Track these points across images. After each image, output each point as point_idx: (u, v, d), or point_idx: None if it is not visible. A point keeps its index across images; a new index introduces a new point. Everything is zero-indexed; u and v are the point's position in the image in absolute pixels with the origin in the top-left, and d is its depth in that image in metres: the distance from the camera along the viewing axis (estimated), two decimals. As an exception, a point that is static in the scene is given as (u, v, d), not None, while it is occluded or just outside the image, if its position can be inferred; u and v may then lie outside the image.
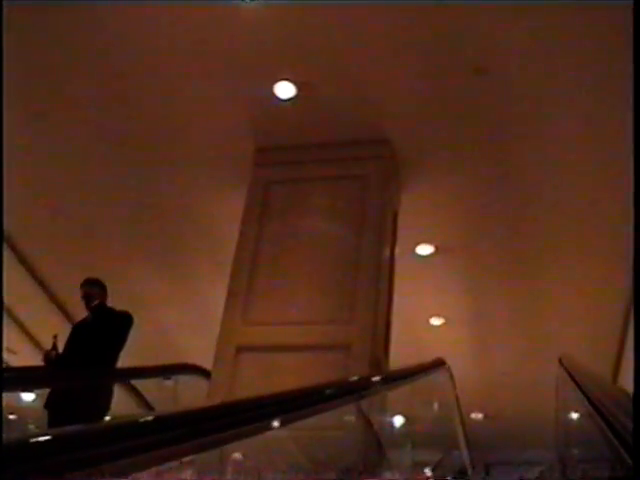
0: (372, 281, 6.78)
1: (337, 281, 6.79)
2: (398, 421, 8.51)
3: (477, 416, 13.32)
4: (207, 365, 6.96)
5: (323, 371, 6.16)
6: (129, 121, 7.66)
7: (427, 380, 7.26)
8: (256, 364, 6.49)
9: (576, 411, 5.89)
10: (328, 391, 4.55)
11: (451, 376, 8.06)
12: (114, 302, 6.57)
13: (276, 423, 3.44)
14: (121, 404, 7.12)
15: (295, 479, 5.54)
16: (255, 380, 6.29)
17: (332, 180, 7.50)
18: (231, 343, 6.64)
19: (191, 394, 7.59)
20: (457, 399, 8.56)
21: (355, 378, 5.67)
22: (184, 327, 10.55)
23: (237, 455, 5.44)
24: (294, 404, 3.74)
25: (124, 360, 10.26)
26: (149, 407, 7.55)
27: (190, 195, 8.58)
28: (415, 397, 7.77)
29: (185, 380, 7.54)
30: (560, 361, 6.09)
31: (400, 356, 6.95)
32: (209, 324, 7.32)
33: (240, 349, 6.59)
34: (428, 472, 7.40)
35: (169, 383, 7.65)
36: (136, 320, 10.65)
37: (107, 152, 8.03)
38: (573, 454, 6.64)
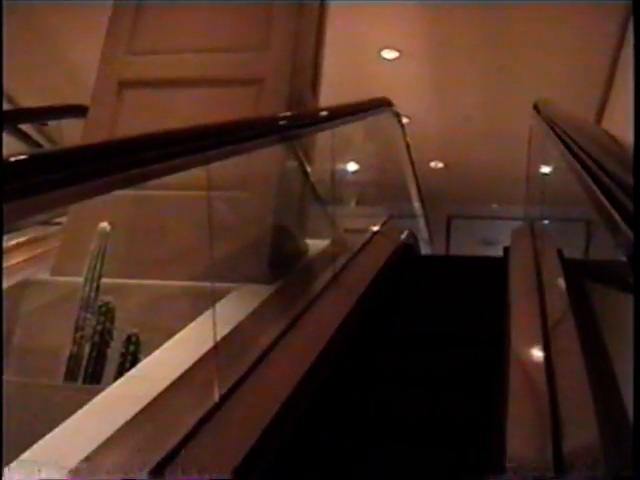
0: (294, -5, 5.21)
1: (249, -4, 5.22)
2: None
3: (437, 165, 12.09)
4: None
5: (228, 112, 4.76)
6: None
7: (370, 124, 5.95)
8: (143, 103, 5.06)
9: (553, 165, 4.89)
10: (247, 129, 3.64)
11: (400, 120, 6.72)
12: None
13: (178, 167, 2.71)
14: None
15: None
16: (141, 123, 4.84)
17: None
18: (112, 77, 5.15)
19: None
20: (408, 147, 7.27)
21: (280, 114, 4.39)
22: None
23: (104, 224, 4.15)
24: (203, 143, 2.94)
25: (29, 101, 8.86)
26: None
27: None
28: (356, 144, 6.51)
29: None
30: (535, 107, 5.21)
31: (343, 97, 5.50)
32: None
33: (123, 84, 5.12)
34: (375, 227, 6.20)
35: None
36: (40, 58, 9.22)
37: None
38: (545, 213, 5.66)
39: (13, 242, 5.10)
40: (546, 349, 2.88)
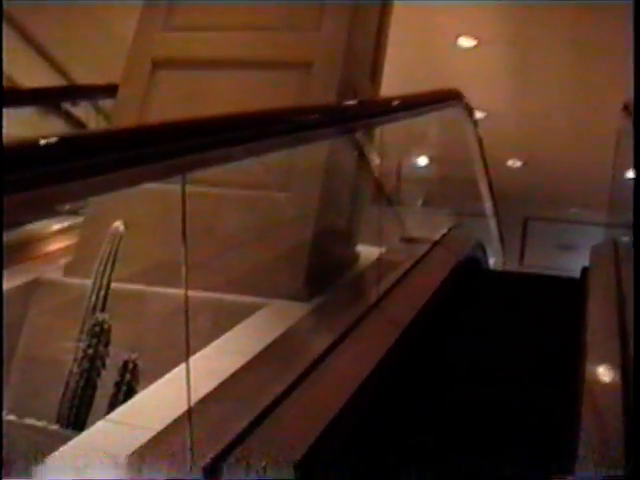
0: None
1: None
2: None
3: (515, 164, 11.30)
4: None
5: (271, 97, 4.19)
6: None
7: (437, 117, 5.33)
8: (178, 85, 4.51)
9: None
10: (307, 116, 3.11)
11: (471, 113, 6.03)
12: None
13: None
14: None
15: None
16: (175, 106, 4.33)
17: None
18: (146, 55, 4.60)
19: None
20: (480, 143, 6.58)
21: (344, 103, 4.04)
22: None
23: (117, 224, 3.60)
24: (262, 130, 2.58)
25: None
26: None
27: None
28: (422, 139, 5.91)
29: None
30: (626, 107, 5.00)
31: (412, 89, 4.89)
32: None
33: (158, 64, 4.56)
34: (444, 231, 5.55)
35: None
36: (86, 32, 8.74)
37: None
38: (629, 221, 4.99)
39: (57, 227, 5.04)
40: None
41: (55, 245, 5.08)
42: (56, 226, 5.32)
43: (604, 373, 2.82)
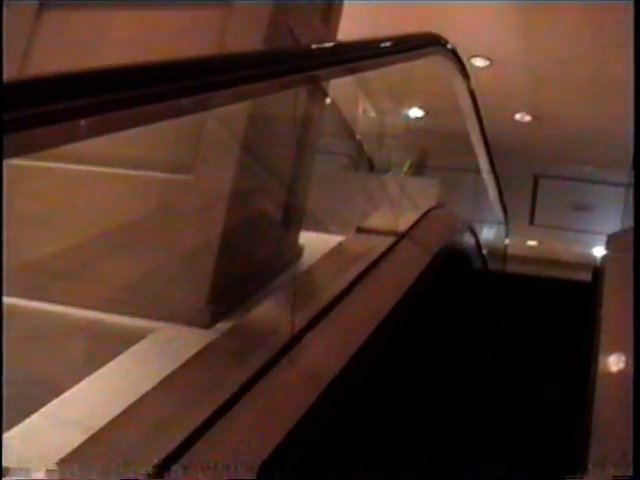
0: None
1: None
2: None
3: (523, 118, 10.27)
4: None
5: (182, 41, 3.16)
6: None
7: (416, 67, 4.33)
8: (69, 28, 3.50)
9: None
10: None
11: (459, 62, 4.97)
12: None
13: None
14: None
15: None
16: (66, 54, 3.32)
17: None
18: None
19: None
20: (472, 95, 5.55)
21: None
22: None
23: None
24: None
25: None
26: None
27: None
28: (399, 95, 4.94)
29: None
30: None
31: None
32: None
33: (44, 3, 3.53)
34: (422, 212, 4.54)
35: None
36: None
37: None
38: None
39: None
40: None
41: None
42: None
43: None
